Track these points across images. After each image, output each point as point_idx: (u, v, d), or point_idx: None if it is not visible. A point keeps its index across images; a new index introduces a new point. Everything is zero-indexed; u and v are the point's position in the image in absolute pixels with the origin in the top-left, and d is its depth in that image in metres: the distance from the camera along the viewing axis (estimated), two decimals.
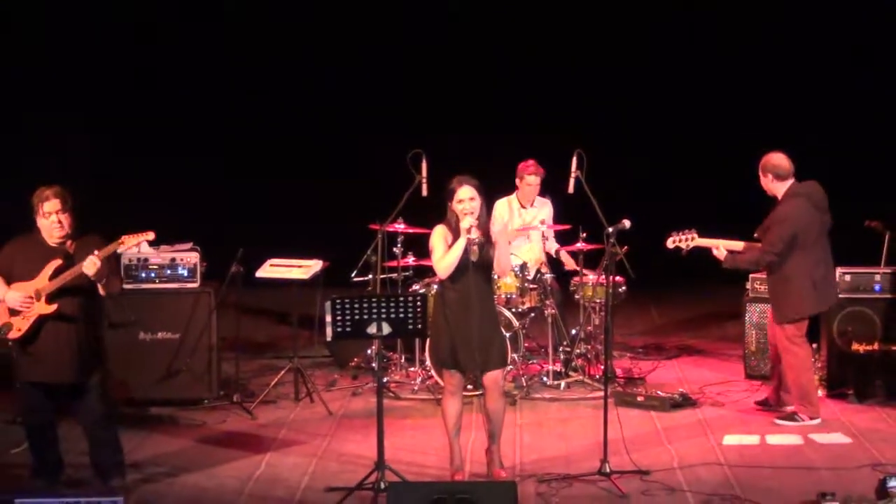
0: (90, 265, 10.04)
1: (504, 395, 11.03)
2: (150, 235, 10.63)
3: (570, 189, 13.73)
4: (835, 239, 12.52)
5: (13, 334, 10.29)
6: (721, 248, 12.39)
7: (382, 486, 10.19)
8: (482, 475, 10.76)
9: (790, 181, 12.26)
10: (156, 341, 13.02)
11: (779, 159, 12.29)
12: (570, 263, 14.22)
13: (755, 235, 12.43)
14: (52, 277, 10.23)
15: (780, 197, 12.26)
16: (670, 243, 12.43)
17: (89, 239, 10.37)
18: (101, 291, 10.34)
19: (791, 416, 12.32)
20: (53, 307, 10.22)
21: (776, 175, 12.27)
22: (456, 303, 10.52)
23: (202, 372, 13.09)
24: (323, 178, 17.79)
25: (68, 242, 10.33)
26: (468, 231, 10.28)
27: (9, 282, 10.32)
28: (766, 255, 12.21)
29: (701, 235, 12.40)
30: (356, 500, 10.31)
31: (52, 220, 10.23)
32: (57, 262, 10.25)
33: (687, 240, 12.39)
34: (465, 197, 10.36)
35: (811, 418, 12.27)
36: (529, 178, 14.00)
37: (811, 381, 12.44)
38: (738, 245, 12.43)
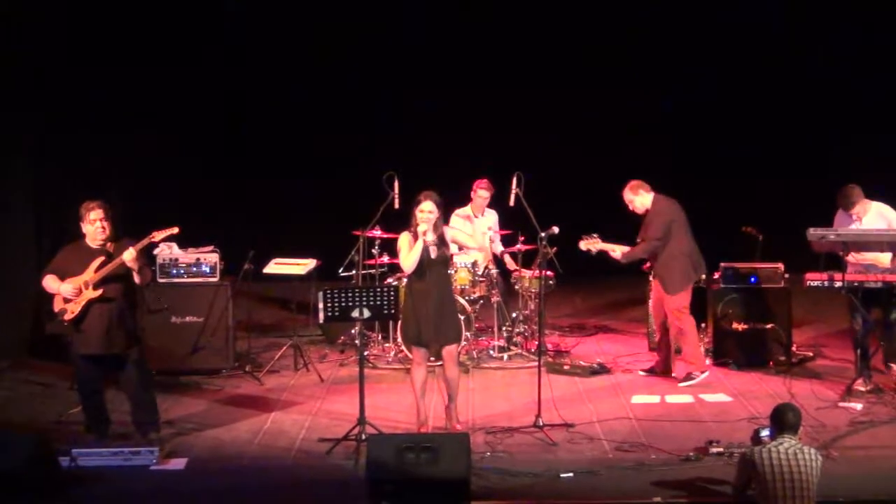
0: (128, 255, 10.18)
1: (459, 365, 11.08)
2: (175, 230, 10.77)
3: (511, 202, 13.72)
4: (716, 240, 12.64)
5: (68, 316, 10.37)
6: (617, 250, 12.53)
7: (363, 437, 10.20)
8: (442, 428, 10.79)
9: (653, 193, 12.51)
10: (184, 324, 12.97)
11: (639, 180, 12.57)
12: (511, 265, 14.24)
13: (638, 240, 12.57)
14: (97, 270, 10.30)
15: (650, 205, 12.49)
16: (582, 245, 12.56)
17: (125, 241, 10.45)
18: (136, 280, 10.41)
19: (689, 376, 12.39)
20: (99, 292, 10.32)
21: (644, 190, 12.54)
22: (421, 292, 10.56)
23: (221, 348, 13.06)
24: (317, 194, 17.70)
25: (108, 244, 10.42)
26: (424, 234, 10.38)
27: (62, 279, 10.38)
28: (653, 242, 12.46)
29: (603, 241, 12.56)
30: (343, 448, 10.34)
31: (97, 226, 10.36)
32: (101, 259, 10.36)
33: (593, 242, 12.51)
34: (426, 209, 10.47)
35: (702, 371, 12.36)
36: (482, 192, 14.01)
37: (697, 343, 12.58)
38: (627, 248, 12.59)
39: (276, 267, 13.53)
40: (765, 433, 9.34)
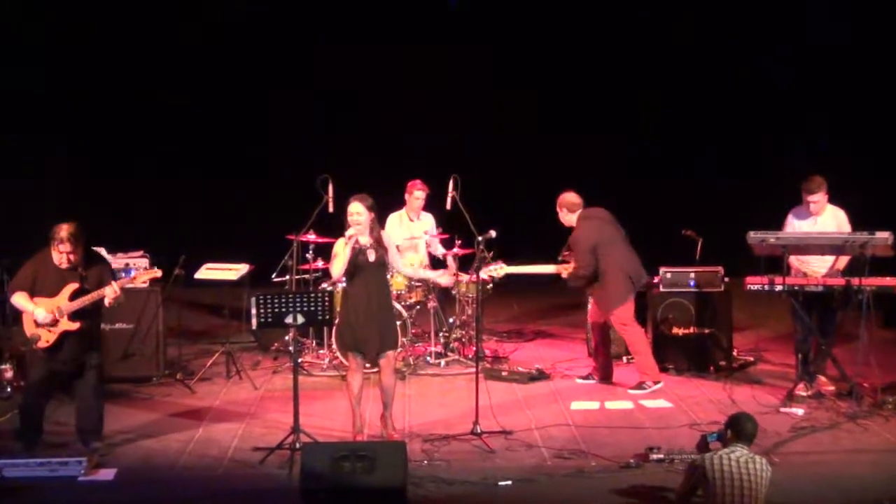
0: (111, 292, 10.13)
1: (396, 372, 11.03)
2: (158, 273, 10.91)
3: (448, 206, 13.70)
4: (655, 244, 12.64)
5: (41, 344, 10.21)
6: (562, 272, 12.55)
7: (298, 445, 10.11)
8: (378, 436, 10.70)
9: (580, 211, 12.43)
10: (114, 330, 12.78)
11: (571, 196, 12.58)
12: (453, 267, 14.10)
13: (560, 257, 12.60)
14: (71, 298, 10.18)
15: (575, 224, 12.45)
16: (483, 274, 12.46)
17: (100, 268, 10.37)
18: (107, 304, 10.28)
19: (640, 385, 12.38)
20: (77, 324, 10.21)
21: (569, 209, 12.54)
22: (357, 297, 10.50)
23: (151, 355, 12.94)
24: (249, 197, 17.67)
25: (80, 268, 10.25)
26: (350, 238, 10.36)
27: (31, 295, 10.23)
28: (580, 270, 12.41)
29: (509, 264, 12.62)
30: (277, 457, 10.23)
31: (62, 257, 10.15)
32: (75, 286, 10.19)
33: (496, 270, 12.54)
34: (354, 211, 10.44)
35: (655, 382, 12.35)
36: (417, 192, 13.93)
37: (648, 353, 12.52)
38: (551, 268, 12.66)
39: (207, 272, 13.43)
40: (712, 439, 9.32)
